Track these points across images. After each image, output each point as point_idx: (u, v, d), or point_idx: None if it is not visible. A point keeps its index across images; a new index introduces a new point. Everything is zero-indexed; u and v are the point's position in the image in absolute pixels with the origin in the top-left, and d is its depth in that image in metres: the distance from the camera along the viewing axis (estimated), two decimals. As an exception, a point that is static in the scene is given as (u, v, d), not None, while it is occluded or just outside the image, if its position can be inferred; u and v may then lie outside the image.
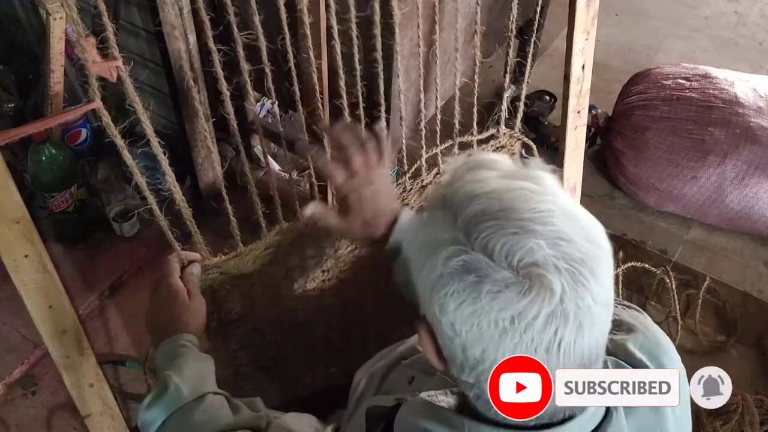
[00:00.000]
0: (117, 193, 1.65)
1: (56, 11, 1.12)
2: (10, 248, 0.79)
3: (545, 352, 0.51)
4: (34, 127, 0.76)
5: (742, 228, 1.81)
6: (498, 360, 0.51)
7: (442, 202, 0.56)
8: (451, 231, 0.53)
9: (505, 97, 1.12)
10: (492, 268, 0.50)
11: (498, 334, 0.50)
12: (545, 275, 0.49)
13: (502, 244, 0.50)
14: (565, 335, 0.50)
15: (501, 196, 0.53)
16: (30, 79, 1.64)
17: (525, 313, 0.49)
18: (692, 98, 1.79)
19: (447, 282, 0.51)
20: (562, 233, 0.51)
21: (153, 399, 0.79)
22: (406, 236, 0.60)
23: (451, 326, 0.52)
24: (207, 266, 0.96)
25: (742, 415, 1.43)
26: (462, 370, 0.55)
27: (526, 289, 0.49)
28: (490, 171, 0.58)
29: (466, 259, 0.51)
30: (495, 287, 0.49)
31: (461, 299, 0.50)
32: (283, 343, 1.16)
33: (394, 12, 0.93)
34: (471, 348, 0.52)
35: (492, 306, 0.49)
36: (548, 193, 0.54)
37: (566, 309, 0.49)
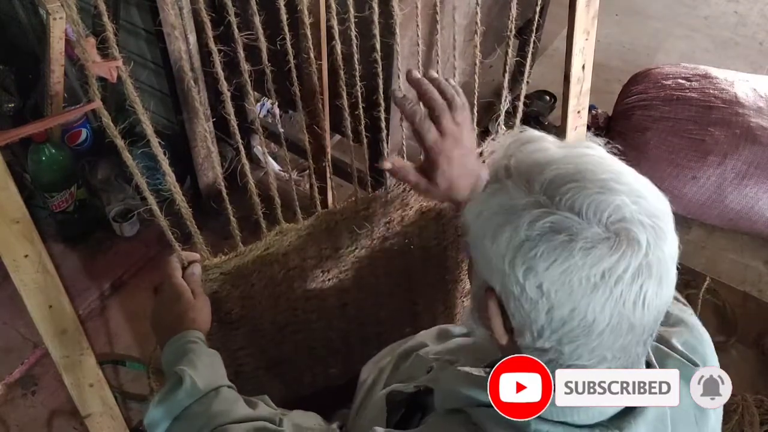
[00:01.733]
0: (117, 193, 1.65)
1: (56, 11, 1.12)
2: (10, 248, 0.79)
3: (632, 306, 0.52)
4: (34, 127, 0.76)
5: (742, 228, 1.81)
6: (588, 317, 0.52)
7: (508, 172, 0.57)
8: (529, 196, 0.54)
9: (504, 96, 1.12)
10: (582, 226, 0.51)
11: (590, 290, 0.51)
12: (633, 230, 0.51)
13: (589, 202, 0.52)
14: (649, 289, 0.53)
15: (573, 161, 0.55)
16: (30, 79, 1.64)
17: (615, 267, 0.51)
18: (692, 98, 1.79)
19: (535, 244, 0.52)
20: (638, 191, 0.54)
21: (166, 394, 0.78)
22: (469, 212, 0.59)
23: (538, 288, 0.52)
24: (207, 266, 0.96)
25: (742, 415, 1.43)
26: (540, 334, 0.55)
27: (616, 244, 0.51)
28: (546, 142, 0.59)
29: (553, 220, 0.52)
30: (587, 244, 0.51)
31: (552, 258, 0.51)
32: (283, 343, 1.16)
33: (395, 12, 0.93)
34: (559, 308, 0.53)
35: (585, 262, 0.51)
36: (611, 157, 0.58)
37: (650, 263, 0.52)
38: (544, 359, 0.57)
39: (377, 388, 0.87)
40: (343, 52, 0.93)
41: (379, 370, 0.91)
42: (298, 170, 1.73)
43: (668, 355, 0.66)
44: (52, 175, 1.51)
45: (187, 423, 0.78)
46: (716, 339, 1.63)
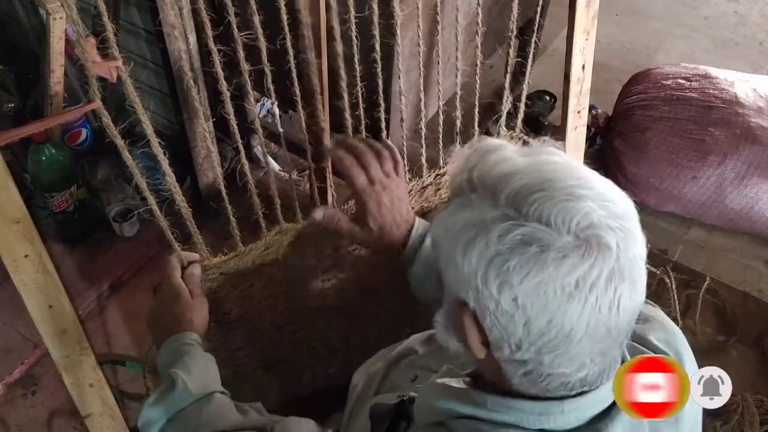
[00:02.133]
0: (117, 193, 1.65)
1: (56, 11, 1.12)
2: (10, 248, 0.80)
3: (608, 311, 0.52)
4: (34, 127, 0.76)
5: (742, 228, 1.81)
6: (565, 326, 0.52)
7: (472, 186, 0.57)
8: (496, 209, 0.54)
9: (505, 97, 1.12)
10: (552, 236, 0.51)
11: (565, 299, 0.51)
12: (602, 235, 0.51)
13: (557, 211, 0.52)
14: (623, 292, 0.53)
15: (537, 169, 0.55)
16: (30, 79, 1.64)
17: (589, 274, 0.51)
18: (692, 98, 1.78)
19: (507, 257, 0.52)
20: (604, 195, 0.54)
21: (160, 395, 0.79)
22: (436, 228, 0.59)
23: (513, 302, 0.52)
24: (207, 266, 0.96)
25: (742, 415, 1.43)
26: (519, 347, 0.55)
27: (587, 251, 0.51)
28: (507, 151, 0.59)
29: (523, 233, 0.52)
30: (559, 254, 0.51)
31: (526, 271, 0.51)
32: (282, 343, 1.16)
33: (395, 12, 0.93)
34: (535, 320, 0.53)
35: (558, 272, 0.51)
36: (576, 163, 0.58)
37: (622, 266, 0.52)
38: (523, 370, 0.57)
39: (368, 394, 0.87)
40: (343, 52, 0.93)
41: (370, 376, 0.91)
42: (298, 170, 1.73)
43: (643, 353, 0.67)
44: (52, 175, 1.51)
45: (180, 425, 0.78)
46: (716, 339, 1.64)
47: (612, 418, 0.60)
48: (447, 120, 1.12)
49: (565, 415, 0.59)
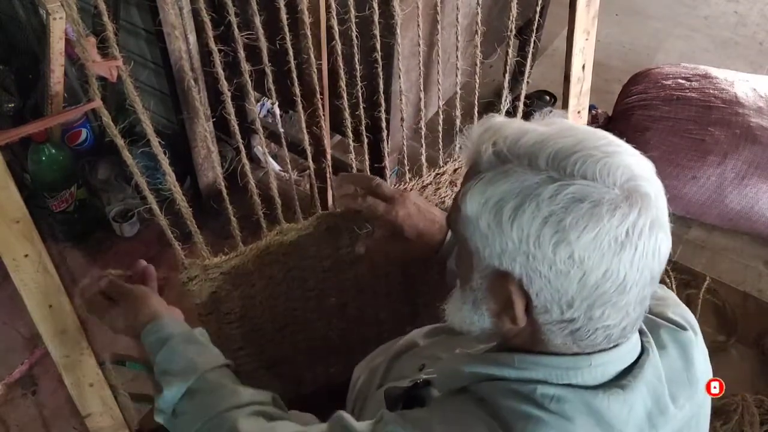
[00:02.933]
0: (117, 193, 1.65)
1: (56, 11, 1.12)
2: (10, 248, 0.79)
3: (652, 256, 0.55)
4: (34, 127, 0.76)
5: (742, 228, 1.81)
6: (620, 275, 0.55)
7: (503, 157, 0.58)
8: (539, 174, 0.55)
9: (504, 96, 1.12)
10: (602, 190, 0.54)
11: (619, 249, 0.54)
12: (642, 185, 0.55)
13: (600, 167, 0.54)
14: (663, 239, 0.56)
15: (565, 134, 0.57)
16: (30, 79, 1.64)
17: (637, 223, 0.54)
18: (692, 98, 1.78)
19: (561, 216, 0.54)
20: (629, 149, 0.58)
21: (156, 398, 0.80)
22: (470, 205, 0.59)
23: (570, 258, 0.54)
24: (207, 266, 0.96)
25: (742, 415, 1.43)
26: (570, 305, 0.56)
27: (633, 201, 0.54)
28: (523, 124, 0.61)
29: (573, 191, 0.54)
30: (611, 206, 0.53)
31: (582, 225, 0.53)
32: (283, 342, 1.16)
33: (395, 12, 0.93)
34: (591, 273, 0.54)
35: (612, 224, 0.53)
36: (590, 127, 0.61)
37: (659, 214, 0.56)
38: (571, 328, 0.58)
39: (371, 388, 0.87)
40: (343, 52, 0.93)
41: (371, 370, 0.91)
42: (298, 170, 1.73)
43: (660, 325, 0.69)
44: (52, 175, 1.51)
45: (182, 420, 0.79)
46: (716, 339, 1.64)
47: (635, 375, 0.62)
48: (447, 119, 1.12)
49: (593, 369, 0.60)
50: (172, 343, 0.82)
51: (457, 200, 0.62)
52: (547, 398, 0.59)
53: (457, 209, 0.62)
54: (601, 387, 0.60)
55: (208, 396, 0.78)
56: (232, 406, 0.76)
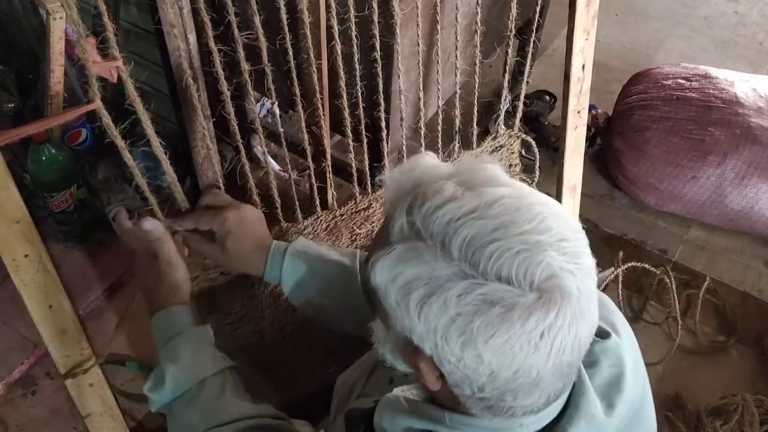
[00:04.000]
0: (117, 193, 1.65)
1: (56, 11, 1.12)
2: (10, 248, 0.79)
3: (570, 349, 0.52)
4: (34, 127, 0.76)
5: (742, 228, 1.81)
6: (532, 373, 0.52)
7: (416, 231, 0.53)
8: (450, 264, 0.51)
9: (504, 96, 1.12)
10: (515, 294, 0.49)
11: (531, 350, 0.50)
12: (564, 284, 0.50)
13: (516, 266, 0.49)
14: (584, 329, 0.52)
15: (485, 215, 0.52)
16: (30, 79, 1.64)
17: (554, 324, 0.50)
18: (692, 98, 1.78)
19: (469, 319, 0.50)
20: (559, 234, 0.52)
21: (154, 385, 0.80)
22: (380, 274, 0.54)
23: (477, 358, 0.51)
24: (207, 266, 0.96)
25: (742, 415, 1.43)
26: (481, 389, 0.54)
27: (551, 303, 0.50)
28: (444, 184, 0.55)
29: (485, 292, 0.49)
30: (524, 312, 0.49)
31: (491, 332, 0.49)
32: (282, 344, 1.16)
33: (395, 12, 0.93)
34: (501, 371, 0.52)
35: (525, 328, 0.49)
36: (521, 193, 0.54)
37: (582, 306, 0.51)
38: (485, 405, 0.56)
39: (350, 400, 0.87)
40: (343, 52, 0.93)
41: (352, 381, 0.91)
42: (298, 170, 1.73)
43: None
44: (52, 175, 1.51)
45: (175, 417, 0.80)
46: (716, 339, 1.64)
47: (570, 418, 0.61)
48: (446, 119, 1.12)
49: (524, 428, 0.59)
50: (179, 340, 0.81)
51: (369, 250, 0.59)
52: None
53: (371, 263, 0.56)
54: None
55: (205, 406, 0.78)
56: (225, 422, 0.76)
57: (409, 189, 0.57)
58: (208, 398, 0.79)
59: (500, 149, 1.19)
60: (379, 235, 0.61)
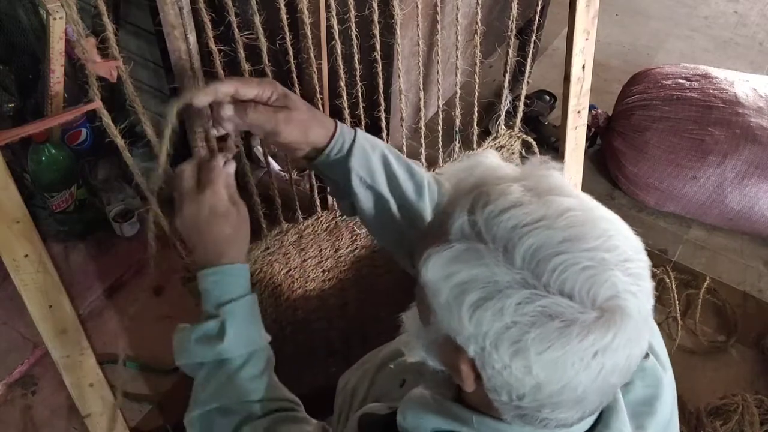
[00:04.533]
0: (117, 193, 1.65)
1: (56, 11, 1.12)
2: (10, 248, 0.80)
3: (619, 371, 0.51)
4: (34, 127, 0.76)
5: (742, 228, 1.81)
6: (578, 390, 0.51)
7: (478, 233, 0.52)
8: (512, 271, 0.49)
9: (504, 96, 1.12)
10: (576, 311, 0.48)
11: (582, 368, 0.50)
12: (626, 306, 0.49)
13: (581, 283, 0.48)
14: (635, 353, 0.52)
15: (552, 225, 0.50)
16: (30, 79, 1.64)
17: (610, 345, 0.49)
18: (692, 98, 1.78)
19: (526, 330, 0.49)
20: (624, 254, 0.51)
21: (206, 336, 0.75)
22: (432, 270, 0.53)
23: (526, 368, 0.50)
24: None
25: (742, 415, 1.43)
26: (520, 398, 0.53)
27: (610, 323, 0.49)
28: (510, 187, 0.54)
29: (545, 305, 0.48)
30: (583, 329, 0.48)
31: (546, 345, 0.49)
32: (284, 343, 1.16)
33: (395, 12, 0.93)
34: (547, 385, 0.51)
35: (581, 346, 0.48)
36: (588, 207, 0.53)
37: (638, 329, 0.51)
38: (519, 413, 0.55)
39: (356, 399, 0.86)
40: (343, 52, 0.93)
41: (357, 380, 0.89)
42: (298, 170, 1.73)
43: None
44: (52, 175, 1.50)
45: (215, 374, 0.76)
46: (716, 339, 1.64)
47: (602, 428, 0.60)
48: (446, 119, 1.12)
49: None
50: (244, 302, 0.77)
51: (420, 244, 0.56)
52: None
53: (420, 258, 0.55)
54: None
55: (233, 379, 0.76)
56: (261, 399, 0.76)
57: (470, 187, 0.56)
58: (257, 370, 0.77)
59: (500, 149, 1.19)
60: (432, 228, 0.58)
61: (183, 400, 0.81)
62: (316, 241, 1.06)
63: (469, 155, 0.60)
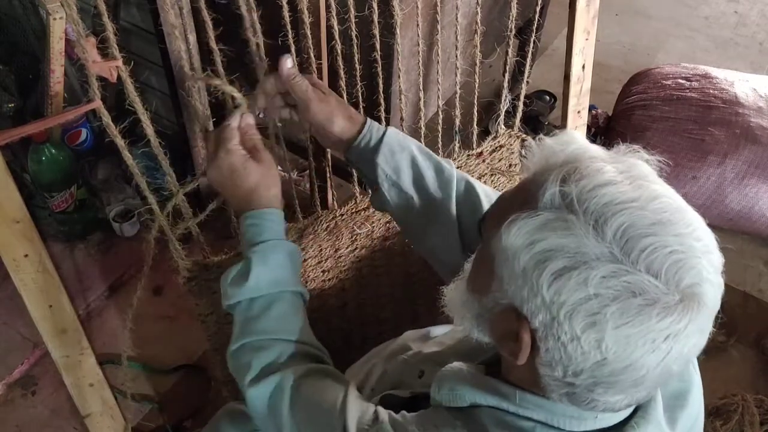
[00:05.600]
0: (117, 193, 1.65)
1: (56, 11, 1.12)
2: (10, 248, 0.80)
3: (681, 359, 0.52)
4: (34, 127, 0.76)
5: (742, 228, 1.81)
6: (640, 372, 0.52)
7: (569, 204, 0.52)
8: (601, 245, 0.50)
9: (504, 96, 1.12)
10: (661, 291, 0.49)
11: (651, 350, 0.50)
12: (705, 294, 0.50)
13: (668, 265, 0.49)
14: (699, 344, 0.53)
15: (645, 207, 0.51)
16: (30, 79, 1.64)
17: (684, 330, 0.50)
18: (692, 98, 1.78)
19: (605, 303, 0.49)
20: (708, 246, 0.52)
21: (235, 278, 0.79)
22: (515, 235, 0.53)
23: (596, 342, 0.50)
24: (207, 266, 0.96)
25: (742, 415, 1.43)
26: (576, 374, 0.53)
27: (688, 308, 0.49)
28: (604, 166, 0.54)
29: (630, 281, 0.49)
30: (663, 310, 0.49)
31: (624, 321, 0.49)
32: (283, 343, 1.16)
33: (395, 11, 0.93)
34: (612, 363, 0.51)
35: (657, 326, 0.49)
36: (676, 197, 0.54)
37: (709, 321, 0.52)
38: (567, 390, 0.55)
39: (365, 391, 0.86)
40: (343, 52, 0.93)
41: (366, 373, 0.90)
42: (298, 170, 1.73)
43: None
44: (52, 175, 1.51)
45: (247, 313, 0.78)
46: (716, 339, 1.63)
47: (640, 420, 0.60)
48: (446, 119, 1.12)
49: (598, 422, 0.58)
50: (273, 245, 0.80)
51: (500, 217, 0.56)
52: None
53: (496, 224, 0.56)
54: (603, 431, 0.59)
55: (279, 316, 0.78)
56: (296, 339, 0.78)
57: (563, 161, 0.57)
58: (284, 310, 0.79)
59: (500, 149, 1.19)
60: (515, 195, 0.58)
61: (183, 400, 0.81)
62: (316, 241, 1.06)
63: (561, 132, 0.60)
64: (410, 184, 0.86)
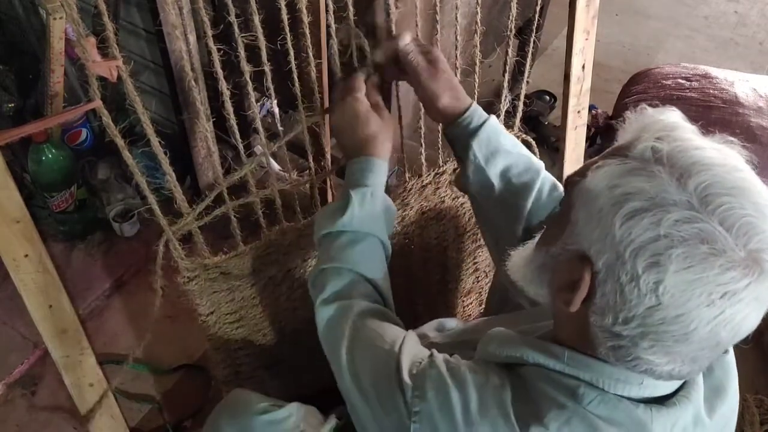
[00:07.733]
0: (117, 193, 1.65)
1: (56, 11, 1.12)
2: (10, 248, 0.80)
3: (731, 327, 0.53)
4: (34, 127, 0.76)
5: (742, 228, 1.81)
6: (690, 326, 0.52)
7: (659, 157, 0.55)
8: (682, 193, 0.52)
9: (504, 96, 1.12)
10: (728, 244, 0.51)
11: (705, 303, 0.51)
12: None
13: (741, 224, 0.51)
14: (752, 316, 0.54)
15: (729, 174, 0.54)
16: (30, 79, 1.64)
17: (741, 292, 0.51)
18: (692, 98, 1.78)
19: (672, 244, 0.51)
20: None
21: (333, 211, 0.84)
22: (598, 178, 0.56)
23: (654, 284, 0.52)
24: (207, 266, 0.96)
25: (742, 415, 1.43)
26: (626, 322, 0.55)
27: (750, 271, 0.51)
28: (697, 137, 0.58)
29: (702, 228, 0.51)
30: (727, 263, 0.50)
31: (687, 264, 0.51)
32: (284, 342, 1.16)
33: (393, 11, 0.93)
34: (665, 309, 0.53)
35: (717, 279, 0.51)
36: (759, 180, 0.57)
37: (766, 291, 0.53)
38: (614, 343, 0.57)
39: None
40: (343, 52, 0.93)
41: None
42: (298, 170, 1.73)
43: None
44: (52, 175, 1.51)
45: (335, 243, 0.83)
46: (716, 339, 1.63)
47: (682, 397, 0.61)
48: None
49: (643, 388, 0.60)
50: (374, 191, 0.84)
51: (587, 168, 0.60)
52: (588, 398, 0.59)
53: (581, 175, 0.59)
54: (646, 401, 0.60)
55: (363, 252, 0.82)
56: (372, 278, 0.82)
57: (662, 126, 0.59)
58: (368, 249, 0.83)
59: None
60: (605, 152, 0.62)
61: (183, 400, 0.81)
62: (316, 241, 1.06)
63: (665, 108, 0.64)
64: (495, 174, 0.89)
